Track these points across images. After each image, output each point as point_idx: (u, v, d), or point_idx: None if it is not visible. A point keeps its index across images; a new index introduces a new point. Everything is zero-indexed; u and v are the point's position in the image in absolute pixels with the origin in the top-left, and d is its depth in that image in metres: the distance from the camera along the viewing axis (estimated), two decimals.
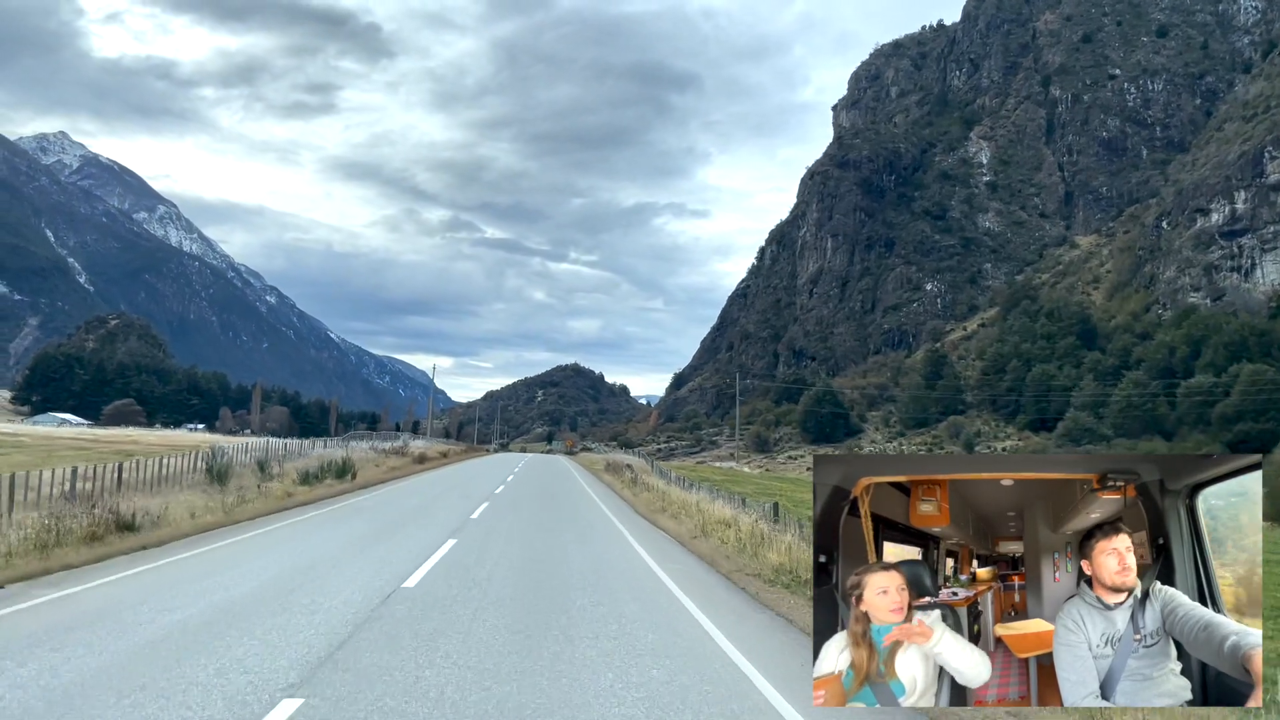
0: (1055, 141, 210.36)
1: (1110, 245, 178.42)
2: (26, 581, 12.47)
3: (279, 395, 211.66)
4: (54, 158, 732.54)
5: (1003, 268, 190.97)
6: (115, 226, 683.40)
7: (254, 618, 10.35)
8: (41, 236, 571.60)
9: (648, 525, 24.98)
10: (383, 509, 25.39)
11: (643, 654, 9.37)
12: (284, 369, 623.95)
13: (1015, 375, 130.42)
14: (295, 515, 22.76)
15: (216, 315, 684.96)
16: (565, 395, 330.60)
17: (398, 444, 48.04)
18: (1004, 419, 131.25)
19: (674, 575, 15.36)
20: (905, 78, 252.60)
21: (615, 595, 12.99)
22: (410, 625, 10.28)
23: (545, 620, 10.85)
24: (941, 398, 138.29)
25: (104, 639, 9.14)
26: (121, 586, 12.31)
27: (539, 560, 16.29)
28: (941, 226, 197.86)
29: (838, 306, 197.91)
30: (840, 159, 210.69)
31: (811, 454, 54.95)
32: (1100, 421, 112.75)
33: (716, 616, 11.77)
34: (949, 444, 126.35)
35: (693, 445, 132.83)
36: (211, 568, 14.03)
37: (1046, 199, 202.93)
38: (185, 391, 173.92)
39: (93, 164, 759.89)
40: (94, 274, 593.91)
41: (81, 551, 14.58)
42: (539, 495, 33.76)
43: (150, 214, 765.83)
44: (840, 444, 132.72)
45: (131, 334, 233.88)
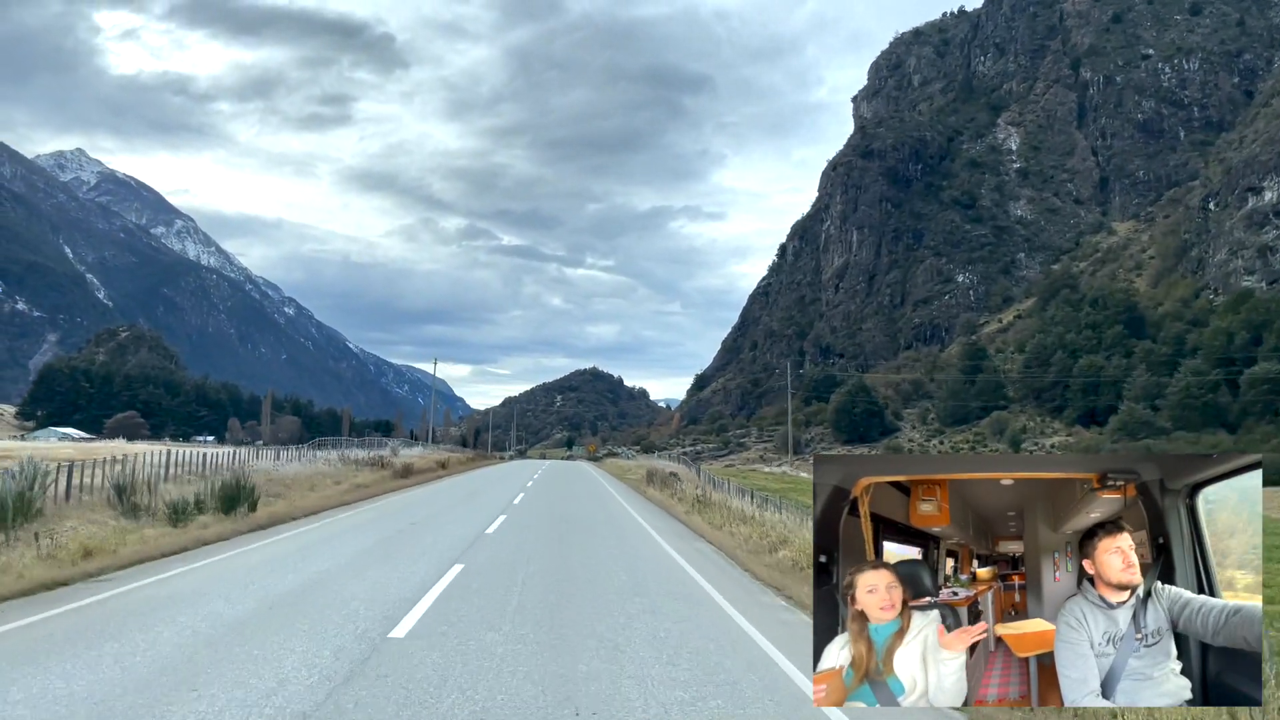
0: (1087, 125, 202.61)
1: (1151, 230, 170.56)
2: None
3: (292, 405, 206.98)
4: (71, 174, 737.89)
5: (1037, 257, 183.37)
6: (133, 241, 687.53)
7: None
8: (60, 253, 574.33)
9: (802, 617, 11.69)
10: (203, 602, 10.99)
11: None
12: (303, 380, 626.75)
13: (1060, 367, 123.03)
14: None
15: (235, 328, 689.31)
16: (584, 400, 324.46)
17: (382, 453, 40.54)
18: (1049, 414, 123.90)
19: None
20: (928, 65, 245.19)
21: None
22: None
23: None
24: (981, 393, 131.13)
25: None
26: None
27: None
28: (972, 216, 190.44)
29: (865, 301, 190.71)
30: (864, 149, 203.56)
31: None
32: (1157, 414, 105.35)
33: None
34: (992, 441, 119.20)
35: (720, 447, 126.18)
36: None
37: (1080, 184, 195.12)
38: (194, 403, 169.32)
39: (109, 180, 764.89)
40: (113, 289, 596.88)
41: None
42: (563, 537, 20.03)
43: (168, 228, 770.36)
44: (875, 443, 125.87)
45: (143, 346, 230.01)
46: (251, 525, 19.28)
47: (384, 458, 38.78)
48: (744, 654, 9.33)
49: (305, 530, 19.82)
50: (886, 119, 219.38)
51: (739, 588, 14.23)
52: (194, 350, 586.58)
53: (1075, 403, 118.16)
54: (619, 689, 7.67)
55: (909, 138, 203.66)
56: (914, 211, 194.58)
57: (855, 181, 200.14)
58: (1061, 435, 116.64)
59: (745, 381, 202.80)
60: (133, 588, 11.95)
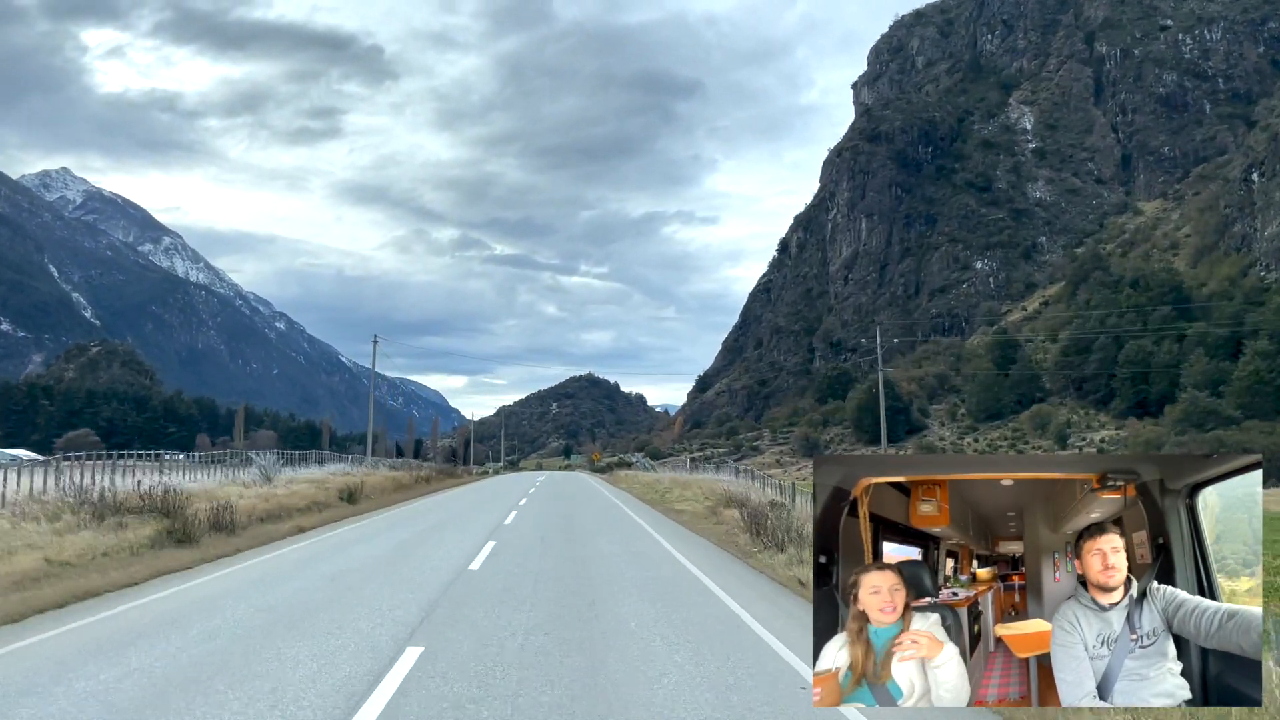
0: (1105, 101, 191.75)
1: (1182, 208, 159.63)
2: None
3: (272, 418, 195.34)
4: (57, 194, 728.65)
5: (1059, 240, 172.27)
6: (120, 259, 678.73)
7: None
8: (45, 272, 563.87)
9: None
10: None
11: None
12: (295, 395, 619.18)
13: (1104, 355, 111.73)
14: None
15: (226, 344, 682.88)
16: (580, 407, 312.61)
17: (249, 475, 28.37)
18: (1093, 405, 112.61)
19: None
20: (931, 46, 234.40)
21: None
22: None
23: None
24: (1013, 385, 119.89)
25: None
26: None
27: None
28: (988, 199, 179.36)
29: (877, 292, 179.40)
30: (870, 132, 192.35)
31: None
32: (1220, 401, 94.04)
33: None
34: (1032, 438, 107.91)
35: (731, 451, 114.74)
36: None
37: (1102, 163, 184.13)
38: (162, 419, 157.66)
39: (96, 198, 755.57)
40: (100, 308, 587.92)
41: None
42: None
43: (156, 245, 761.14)
44: (901, 443, 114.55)
45: (115, 361, 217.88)
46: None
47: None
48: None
49: None
50: (893, 100, 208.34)
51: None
52: (184, 367, 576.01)
53: (1124, 393, 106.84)
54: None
55: (917, 119, 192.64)
56: (926, 196, 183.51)
57: (862, 166, 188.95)
58: (1110, 429, 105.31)
59: (751, 381, 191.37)
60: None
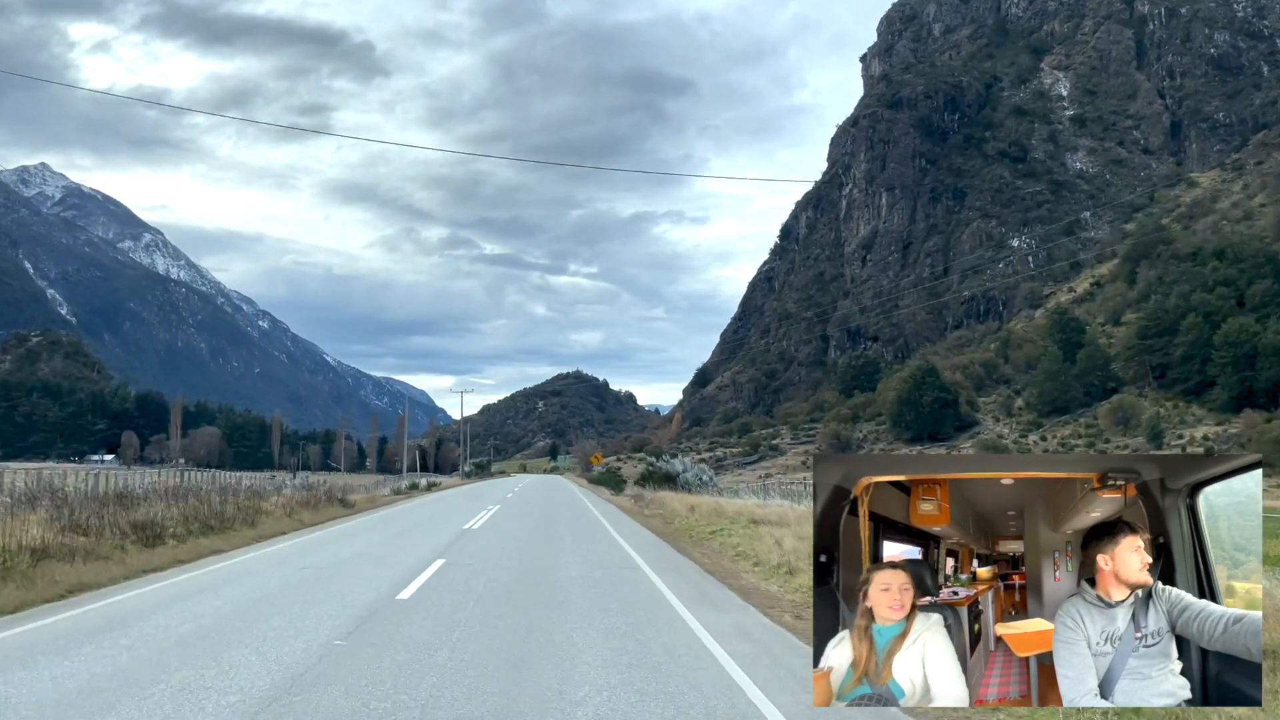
0: (1150, 65, 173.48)
1: (1246, 177, 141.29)
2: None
3: (225, 414, 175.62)
4: (35, 189, 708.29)
5: (1105, 215, 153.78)
6: (98, 256, 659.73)
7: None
8: (19, 269, 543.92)
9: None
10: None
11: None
12: (277, 394, 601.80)
13: (1194, 336, 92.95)
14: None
15: (206, 342, 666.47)
16: (569, 405, 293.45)
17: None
18: (1181, 396, 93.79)
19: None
20: (950, 12, 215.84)
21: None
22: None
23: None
24: (1080, 374, 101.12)
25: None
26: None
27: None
28: (1023, 170, 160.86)
29: (900, 274, 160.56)
30: (890, 98, 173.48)
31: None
32: None
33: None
34: (1114, 435, 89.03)
35: (747, 452, 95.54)
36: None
37: (1149, 131, 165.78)
38: (89, 414, 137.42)
39: (75, 194, 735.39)
40: (76, 304, 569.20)
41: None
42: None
43: (136, 242, 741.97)
44: (951, 442, 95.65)
45: (57, 353, 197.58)
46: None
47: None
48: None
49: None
50: (913, 64, 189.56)
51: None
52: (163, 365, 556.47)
53: (1226, 380, 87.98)
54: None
55: (942, 84, 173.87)
56: (953, 167, 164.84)
57: (882, 136, 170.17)
58: (1210, 424, 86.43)
59: (758, 374, 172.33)
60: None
